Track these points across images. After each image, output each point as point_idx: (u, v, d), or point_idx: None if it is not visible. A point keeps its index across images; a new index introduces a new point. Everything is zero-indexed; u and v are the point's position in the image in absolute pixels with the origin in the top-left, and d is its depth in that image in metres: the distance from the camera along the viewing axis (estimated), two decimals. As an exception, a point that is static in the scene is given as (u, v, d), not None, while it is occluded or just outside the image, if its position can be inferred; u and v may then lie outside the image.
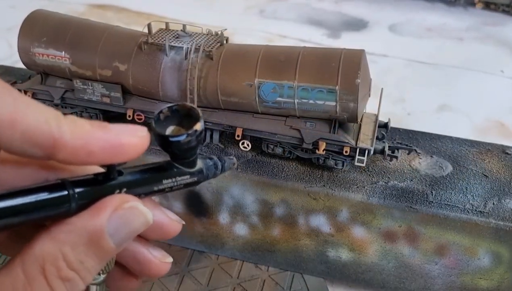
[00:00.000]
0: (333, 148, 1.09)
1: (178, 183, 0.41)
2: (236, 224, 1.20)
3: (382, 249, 1.13)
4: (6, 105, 0.30)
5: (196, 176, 0.42)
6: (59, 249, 0.33)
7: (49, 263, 0.32)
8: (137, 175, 0.39)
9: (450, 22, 2.48)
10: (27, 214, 0.32)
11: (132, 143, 0.35)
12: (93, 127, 0.34)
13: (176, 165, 0.41)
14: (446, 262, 1.11)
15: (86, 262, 0.34)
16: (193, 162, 0.42)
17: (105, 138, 0.34)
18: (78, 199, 0.34)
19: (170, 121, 0.40)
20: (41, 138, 0.31)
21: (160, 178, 0.40)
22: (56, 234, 0.33)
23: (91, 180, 0.36)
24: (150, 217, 0.37)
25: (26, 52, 1.23)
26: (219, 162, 0.46)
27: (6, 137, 0.30)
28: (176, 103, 0.40)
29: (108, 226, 0.34)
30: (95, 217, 0.34)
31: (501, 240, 1.04)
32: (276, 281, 1.21)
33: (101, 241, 0.34)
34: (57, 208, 0.33)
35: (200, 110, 0.39)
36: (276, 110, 1.10)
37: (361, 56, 1.03)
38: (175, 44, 1.14)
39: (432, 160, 1.20)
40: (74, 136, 0.32)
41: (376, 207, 1.07)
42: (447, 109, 1.78)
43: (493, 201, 1.08)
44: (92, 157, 0.33)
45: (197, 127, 0.38)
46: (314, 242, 1.17)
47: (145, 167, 0.40)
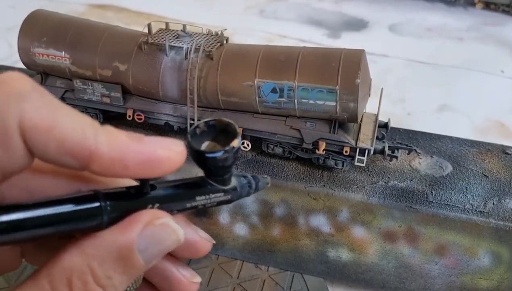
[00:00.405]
0: (333, 148, 1.09)
1: (211, 200, 0.40)
2: (236, 224, 1.20)
3: (382, 249, 1.13)
4: (43, 112, 0.30)
5: (230, 193, 0.41)
6: (87, 263, 0.32)
7: (76, 277, 0.31)
8: (170, 190, 0.37)
9: (450, 22, 2.48)
10: (58, 225, 0.31)
11: (169, 158, 0.34)
12: (130, 139, 0.33)
13: (210, 182, 0.39)
14: (446, 262, 1.11)
15: (114, 278, 0.33)
16: (227, 179, 0.40)
17: (141, 152, 0.33)
18: (110, 212, 0.33)
19: (205, 137, 0.39)
20: (77, 148, 0.31)
21: (193, 194, 0.38)
22: (85, 248, 0.32)
23: (123, 193, 0.35)
24: (181, 235, 0.36)
25: (26, 52, 1.23)
26: (253, 180, 0.44)
27: (42, 145, 0.30)
28: (213, 119, 0.39)
29: (138, 242, 0.33)
30: (125, 232, 0.33)
31: (501, 240, 1.04)
32: (276, 281, 1.21)
33: (130, 257, 0.33)
34: (88, 219, 0.32)
35: (237, 127, 0.38)
36: (276, 110, 1.10)
37: (361, 56, 1.03)
38: (175, 44, 1.14)
39: (432, 160, 1.20)
40: (110, 147, 0.32)
41: (376, 207, 1.07)
42: (447, 109, 1.78)
43: (493, 201, 1.08)
44: (127, 170, 0.32)
45: (234, 144, 0.37)
46: (314, 242, 1.17)
47: (178, 183, 0.38)
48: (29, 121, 0.29)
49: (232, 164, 0.38)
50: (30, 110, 0.29)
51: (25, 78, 0.31)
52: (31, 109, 0.29)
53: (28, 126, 0.29)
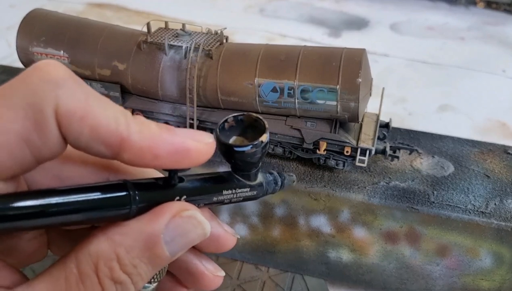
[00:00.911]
0: (334, 148, 1.09)
1: (237, 195, 0.40)
2: (236, 225, 1.20)
3: (383, 250, 1.12)
4: (78, 99, 0.30)
5: (256, 189, 0.41)
6: (114, 250, 0.32)
7: (103, 262, 0.32)
8: (197, 183, 0.37)
9: (452, 21, 2.47)
10: (87, 211, 0.31)
11: (198, 150, 0.34)
12: (161, 129, 0.33)
13: (237, 177, 0.40)
14: (448, 263, 1.10)
15: (139, 267, 0.33)
16: (254, 175, 0.41)
17: (172, 142, 0.33)
18: (138, 202, 0.33)
19: (233, 131, 0.39)
20: (109, 136, 0.31)
21: (220, 188, 0.39)
22: (112, 235, 0.33)
23: (152, 183, 0.35)
24: (208, 228, 0.36)
25: (24, 51, 1.22)
26: (279, 177, 0.44)
27: (75, 132, 0.30)
28: (242, 113, 0.39)
29: (165, 233, 0.33)
30: (153, 222, 0.33)
31: (503, 241, 1.04)
32: (277, 282, 1.20)
33: (156, 247, 0.33)
34: (117, 208, 0.32)
35: (266, 121, 0.38)
36: (276, 110, 1.09)
37: (362, 56, 1.02)
38: (175, 43, 1.13)
39: (434, 160, 1.19)
40: (141, 137, 0.32)
41: (377, 208, 1.07)
42: (448, 109, 1.77)
43: (495, 202, 1.07)
44: (157, 160, 0.33)
45: (263, 138, 0.37)
46: (315, 243, 1.17)
47: (205, 176, 0.39)
48: (64, 107, 0.29)
49: (259, 159, 0.38)
50: (66, 96, 0.30)
51: (60, 65, 0.31)
52: (66, 96, 0.30)
53: (63, 112, 0.29)
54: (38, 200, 0.29)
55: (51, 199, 0.30)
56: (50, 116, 0.29)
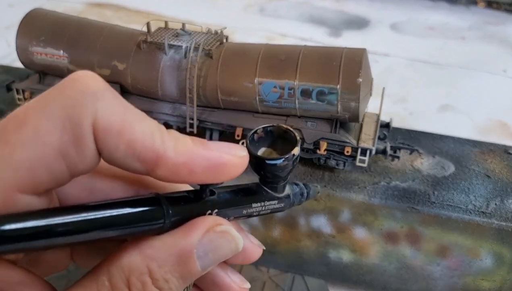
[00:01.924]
0: (334, 148, 1.08)
1: (265, 208, 0.39)
2: (236, 225, 1.20)
3: (384, 250, 1.12)
4: (116, 113, 0.29)
5: (283, 201, 0.40)
6: (146, 264, 0.32)
7: (135, 276, 0.31)
8: (228, 196, 0.37)
9: (452, 21, 2.47)
10: (121, 227, 0.31)
11: (233, 164, 0.33)
12: (195, 144, 0.32)
13: (265, 189, 0.39)
14: (448, 263, 1.10)
15: (171, 281, 0.33)
16: (282, 187, 0.40)
17: (207, 157, 0.32)
18: (172, 216, 0.33)
19: (262, 143, 0.38)
20: (145, 152, 0.30)
21: (250, 201, 0.38)
22: (144, 249, 0.32)
23: (183, 197, 0.34)
24: (240, 243, 0.35)
25: (24, 51, 1.22)
26: (305, 189, 0.44)
27: (111, 147, 0.30)
28: (271, 125, 0.38)
29: (198, 247, 0.33)
30: (186, 236, 0.33)
31: (504, 241, 1.03)
32: (277, 283, 1.20)
33: (189, 262, 0.33)
34: (151, 223, 0.32)
35: (297, 133, 0.37)
36: (276, 109, 1.09)
37: (363, 55, 1.02)
38: (175, 43, 1.12)
39: (434, 160, 1.19)
40: (177, 153, 0.31)
41: (377, 208, 1.06)
42: (449, 109, 1.77)
43: (496, 202, 1.07)
44: (192, 176, 0.32)
45: (294, 151, 0.36)
46: (315, 243, 1.16)
47: (235, 188, 0.38)
48: (102, 121, 0.29)
49: (289, 172, 0.38)
50: (104, 110, 0.29)
51: (98, 78, 0.30)
52: (105, 110, 0.29)
53: (101, 127, 0.29)
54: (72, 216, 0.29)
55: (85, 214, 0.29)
56: (88, 130, 0.29)
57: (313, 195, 0.46)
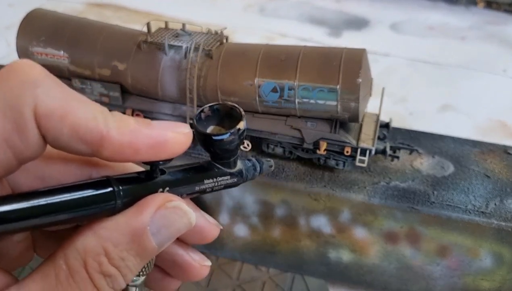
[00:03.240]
0: (334, 148, 1.09)
1: (218, 184, 0.40)
2: (236, 225, 1.20)
3: (384, 250, 1.12)
4: (56, 98, 0.30)
5: (236, 177, 0.42)
6: (101, 244, 0.33)
7: (91, 257, 0.32)
8: (179, 174, 0.38)
9: (452, 21, 2.47)
10: (72, 210, 0.32)
11: (177, 140, 0.35)
12: (139, 123, 0.34)
13: (216, 165, 0.40)
14: (448, 263, 1.10)
15: (128, 259, 0.33)
16: (233, 163, 0.41)
17: (150, 135, 0.34)
18: (123, 196, 0.34)
19: (210, 121, 0.40)
20: (89, 134, 0.31)
21: (201, 177, 0.39)
22: (98, 230, 0.33)
23: (134, 178, 0.36)
24: (193, 218, 0.37)
25: (24, 51, 1.22)
26: (257, 163, 0.45)
27: (55, 131, 0.30)
28: (217, 103, 0.40)
29: (151, 224, 0.34)
30: (138, 214, 0.34)
31: (503, 241, 1.04)
32: (277, 283, 1.20)
33: (143, 239, 0.34)
34: (102, 204, 0.33)
35: (242, 109, 0.39)
36: (276, 110, 1.09)
37: (363, 55, 1.02)
38: (175, 43, 1.13)
39: (434, 160, 1.19)
40: (120, 132, 0.32)
41: (377, 208, 1.07)
42: (449, 109, 1.77)
43: (495, 202, 1.07)
44: (137, 154, 0.33)
45: (240, 126, 0.38)
46: (315, 243, 1.16)
47: (186, 167, 0.39)
48: (43, 107, 0.30)
49: (238, 146, 0.39)
50: (44, 96, 0.30)
51: (37, 66, 0.31)
52: (45, 96, 0.30)
53: (42, 112, 0.30)
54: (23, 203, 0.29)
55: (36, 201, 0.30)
56: (29, 117, 0.29)
57: (266, 169, 0.47)
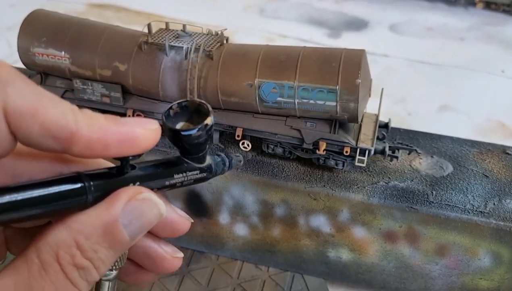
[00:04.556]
0: (333, 148, 1.09)
1: (188, 178, 0.42)
2: (236, 224, 1.20)
3: (383, 250, 1.13)
4: (27, 97, 0.31)
5: (205, 171, 0.43)
6: (73, 237, 0.33)
7: (63, 250, 0.33)
8: (149, 169, 0.39)
9: (451, 22, 2.48)
10: (44, 206, 0.32)
11: (146, 136, 0.36)
12: (108, 120, 0.35)
13: (186, 160, 0.41)
14: (447, 263, 1.10)
15: (100, 252, 0.34)
16: (202, 158, 0.43)
17: (119, 131, 0.34)
18: (94, 191, 0.34)
19: (179, 117, 0.41)
20: (59, 131, 0.32)
21: (171, 172, 0.40)
22: (70, 223, 0.34)
23: (105, 173, 0.37)
24: (163, 209, 0.37)
25: (25, 52, 1.22)
26: (226, 158, 0.47)
27: (26, 129, 0.31)
28: (185, 100, 0.41)
29: (122, 216, 0.35)
30: (110, 207, 0.35)
31: (502, 241, 1.04)
32: (277, 282, 1.21)
33: (115, 231, 0.34)
34: (73, 200, 0.34)
35: (209, 106, 0.40)
36: (276, 110, 1.10)
37: (362, 56, 1.02)
38: (175, 44, 1.13)
39: (433, 160, 1.19)
40: (90, 129, 0.33)
41: (376, 207, 1.07)
42: (448, 109, 1.78)
43: (494, 201, 1.07)
44: (107, 150, 0.34)
45: (207, 121, 0.39)
46: (315, 243, 1.17)
47: (156, 162, 0.40)
48: (13, 106, 0.30)
49: (206, 141, 0.41)
50: (14, 95, 0.30)
51: (7, 65, 0.32)
52: (15, 95, 0.31)
53: (12, 111, 0.30)
54: None
55: (7, 197, 0.30)
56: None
57: (236, 164, 0.48)
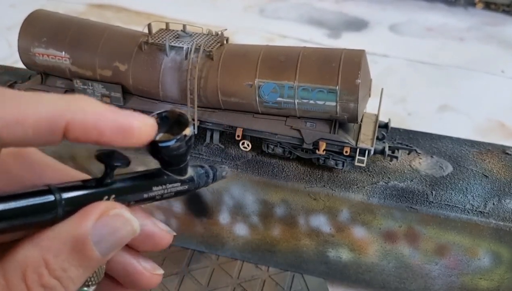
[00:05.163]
0: (333, 148, 1.09)
1: (168, 191, 0.40)
2: (236, 224, 1.20)
3: (383, 249, 1.13)
4: (9, 106, 0.30)
5: (187, 184, 0.42)
6: (42, 255, 0.32)
7: (31, 269, 0.31)
8: (126, 182, 0.38)
9: (451, 22, 2.48)
10: (10, 220, 0.31)
11: (141, 128, 0.35)
12: (105, 107, 0.34)
13: (166, 172, 0.40)
14: (446, 262, 1.11)
15: (69, 270, 0.32)
16: (183, 169, 0.41)
17: (116, 119, 0.34)
18: (65, 205, 0.33)
19: (159, 128, 0.39)
20: (53, 125, 0.31)
21: (150, 185, 0.39)
22: (39, 240, 0.32)
23: (79, 186, 0.35)
24: (136, 225, 0.36)
25: (26, 52, 1.22)
26: (210, 170, 0.45)
27: (20, 135, 0.31)
28: (165, 110, 0.40)
29: (92, 233, 0.33)
30: (79, 223, 0.33)
31: (501, 240, 1.04)
32: (277, 282, 1.21)
33: (85, 249, 0.33)
34: (43, 214, 0.32)
35: (189, 117, 0.39)
36: (276, 110, 1.10)
37: (362, 56, 1.03)
38: (175, 44, 1.13)
39: (433, 160, 1.20)
40: (85, 114, 0.33)
41: (376, 207, 1.07)
42: (447, 109, 1.78)
43: (493, 201, 1.08)
44: (102, 137, 0.33)
45: (186, 132, 0.38)
46: (315, 242, 1.17)
47: (135, 174, 0.39)
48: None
49: (185, 152, 0.39)
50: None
51: None
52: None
53: None
54: None
55: None
56: None
57: (220, 176, 0.47)
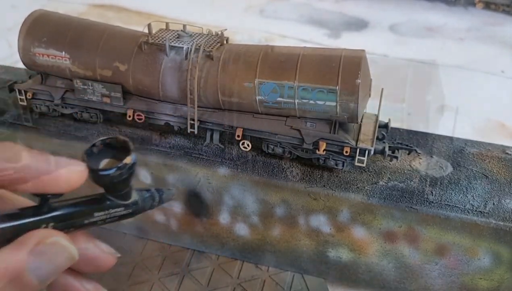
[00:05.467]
0: (333, 148, 1.09)
1: (111, 215, 0.41)
2: (236, 224, 1.20)
3: (382, 249, 1.13)
4: None
5: (130, 208, 0.42)
6: None
7: None
8: (67, 209, 0.38)
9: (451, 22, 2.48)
10: None
11: (68, 177, 0.35)
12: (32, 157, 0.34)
13: (109, 198, 0.41)
14: (446, 262, 1.11)
15: None
16: (127, 194, 0.42)
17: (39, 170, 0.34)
18: (1, 235, 0.33)
19: (104, 154, 0.40)
20: None
21: (91, 211, 0.40)
22: None
23: (17, 214, 0.35)
24: (74, 252, 0.36)
25: (26, 52, 1.23)
26: (156, 193, 0.46)
27: None
28: (109, 137, 0.40)
29: (29, 261, 0.33)
30: (15, 251, 0.33)
31: (501, 240, 1.04)
32: (277, 282, 1.21)
33: (22, 277, 0.33)
34: None
35: (132, 144, 0.39)
36: (276, 110, 1.10)
37: (362, 57, 1.03)
38: (176, 44, 1.13)
39: (432, 160, 1.20)
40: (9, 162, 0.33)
41: (376, 207, 1.07)
42: (447, 109, 1.78)
43: (493, 201, 1.08)
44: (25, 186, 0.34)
45: (127, 161, 0.38)
46: (315, 242, 1.17)
47: (77, 200, 0.39)
48: None
49: (127, 179, 0.39)
50: None
51: None
52: None
53: None
54: None
55: None
56: None
57: (168, 198, 0.47)
